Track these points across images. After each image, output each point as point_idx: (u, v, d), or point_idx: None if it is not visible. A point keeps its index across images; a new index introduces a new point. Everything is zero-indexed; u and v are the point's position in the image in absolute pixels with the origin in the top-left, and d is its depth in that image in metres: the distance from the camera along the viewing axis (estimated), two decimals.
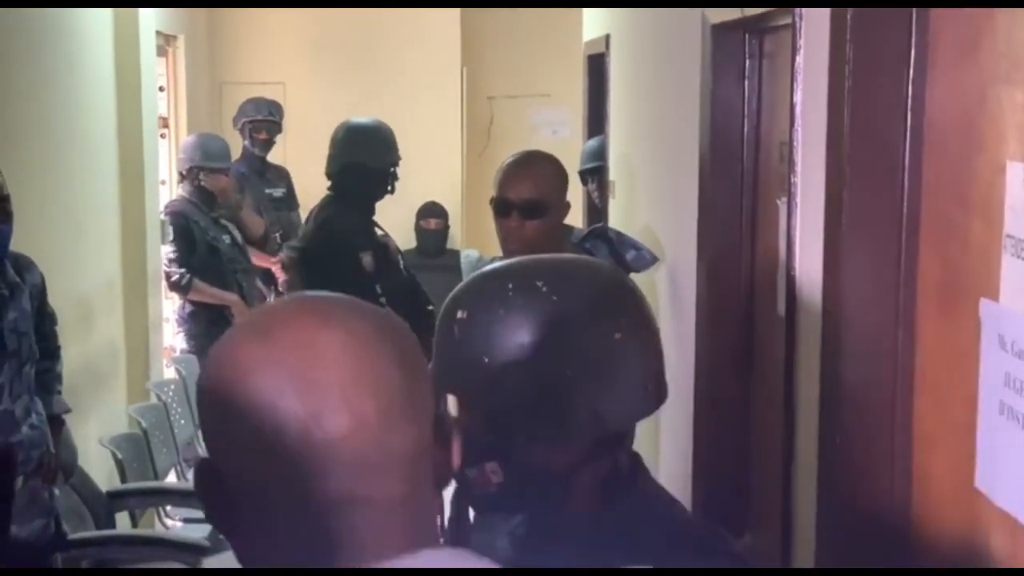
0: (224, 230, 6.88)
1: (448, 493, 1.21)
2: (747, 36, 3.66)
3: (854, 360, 2.39)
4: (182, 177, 6.84)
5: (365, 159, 5.05)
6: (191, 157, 6.78)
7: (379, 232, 5.15)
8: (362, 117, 5.37)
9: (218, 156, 6.81)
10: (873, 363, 2.35)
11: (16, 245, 4.03)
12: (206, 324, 6.68)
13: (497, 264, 1.78)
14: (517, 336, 1.61)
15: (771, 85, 3.60)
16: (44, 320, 4.35)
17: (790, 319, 2.82)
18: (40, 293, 4.30)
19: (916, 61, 2.27)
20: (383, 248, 5.07)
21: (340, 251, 4.88)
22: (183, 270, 6.57)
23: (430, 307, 5.18)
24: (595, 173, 6.26)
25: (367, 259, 4.86)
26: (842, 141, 2.39)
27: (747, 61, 3.68)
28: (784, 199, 3.04)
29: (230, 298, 6.72)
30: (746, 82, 3.70)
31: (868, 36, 2.34)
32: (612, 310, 1.67)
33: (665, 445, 4.48)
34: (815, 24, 2.62)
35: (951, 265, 2.12)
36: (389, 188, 5.16)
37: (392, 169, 5.14)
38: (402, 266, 5.23)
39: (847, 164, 2.38)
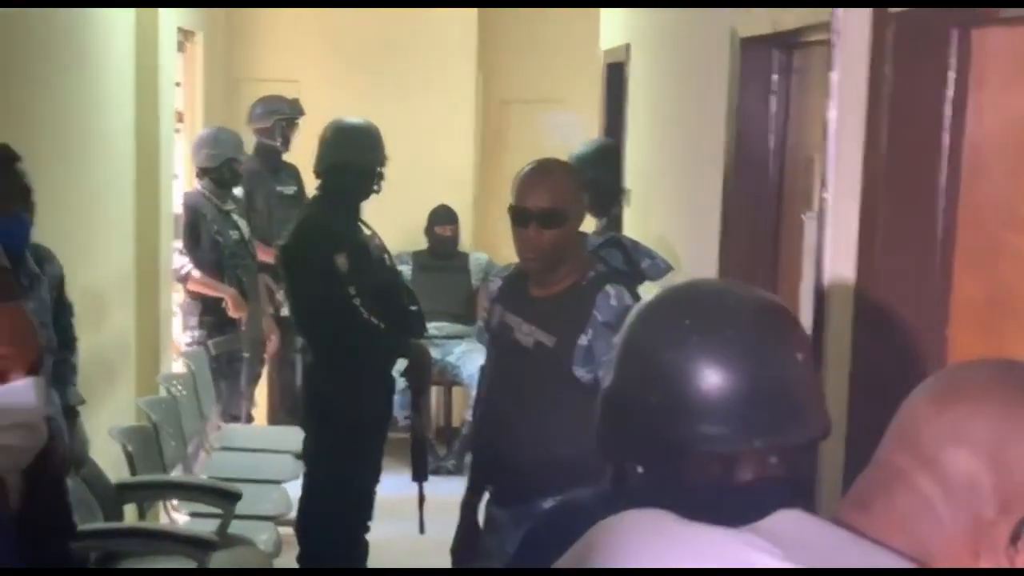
0: (233, 225, 6.92)
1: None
2: (776, 51, 3.67)
3: (884, 379, 2.39)
4: (204, 173, 6.88)
5: (352, 158, 5.01)
6: (236, 148, 6.96)
7: (366, 231, 5.10)
8: (352, 117, 5.30)
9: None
10: (906, 385, 2.35)
11: (34, 236, 4.03)
12: (199, 316, 6.81)
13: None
14: None
15: (799, 100, 3.60)
16: (62, 311, 4.36)
17: (817, 336, 2.82)
18: (59, 284, 4.30)
19: (957, 82, 2.28)
20: (363, 248, 5.00)
21: (314, 251, 4.84)
22: (185, 260, 6.73)
23: (414, 307, 5.11)
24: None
25: (341, 259, 4.78)
26: (879, 159, 2.40)
27: (775, 76, 3.69)
28: (810, 214, 3.04)
29: (226, 290, 6.76)
30: (773, 96, 3.71)
31: (908, 56, 2.35)
32: None
33: None
34: (852, 41, 2.62)
35: (996, 284, 2.13)
36: (375, 188, 5.11)
37: (378, 169, 5.11)
38: (388, 264, 5.16)
39: (883, 182, 2.39)
